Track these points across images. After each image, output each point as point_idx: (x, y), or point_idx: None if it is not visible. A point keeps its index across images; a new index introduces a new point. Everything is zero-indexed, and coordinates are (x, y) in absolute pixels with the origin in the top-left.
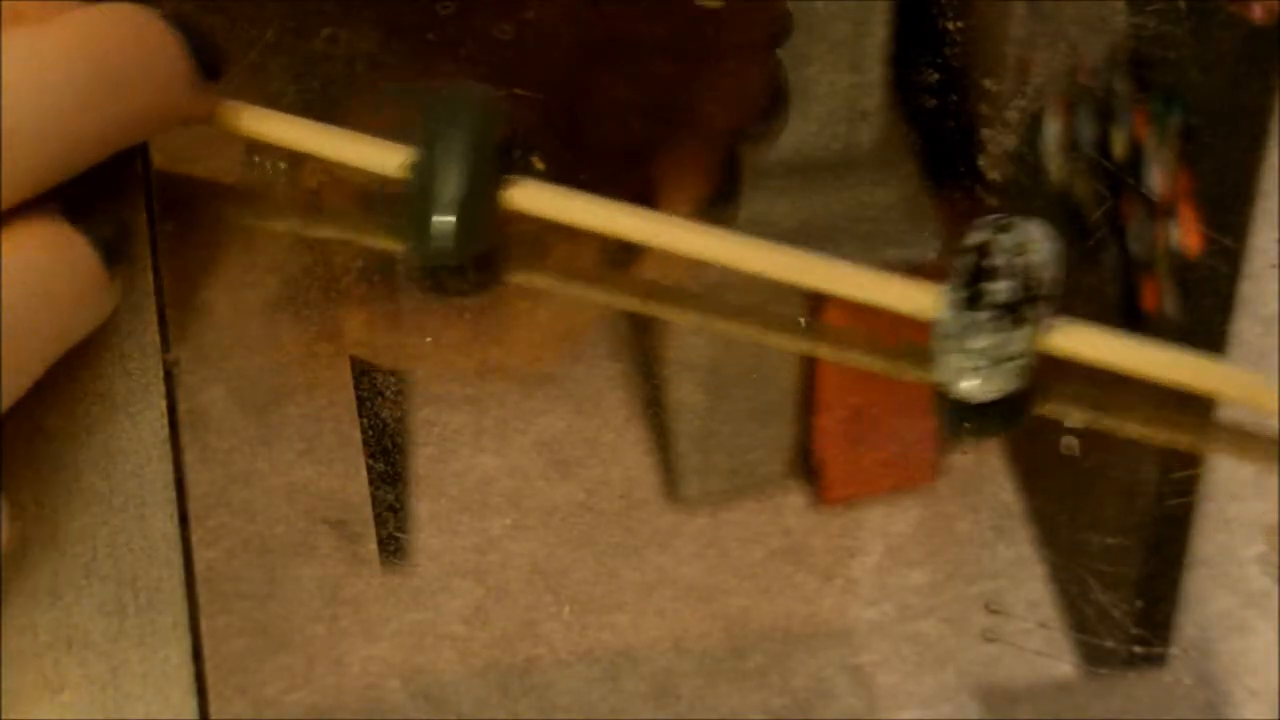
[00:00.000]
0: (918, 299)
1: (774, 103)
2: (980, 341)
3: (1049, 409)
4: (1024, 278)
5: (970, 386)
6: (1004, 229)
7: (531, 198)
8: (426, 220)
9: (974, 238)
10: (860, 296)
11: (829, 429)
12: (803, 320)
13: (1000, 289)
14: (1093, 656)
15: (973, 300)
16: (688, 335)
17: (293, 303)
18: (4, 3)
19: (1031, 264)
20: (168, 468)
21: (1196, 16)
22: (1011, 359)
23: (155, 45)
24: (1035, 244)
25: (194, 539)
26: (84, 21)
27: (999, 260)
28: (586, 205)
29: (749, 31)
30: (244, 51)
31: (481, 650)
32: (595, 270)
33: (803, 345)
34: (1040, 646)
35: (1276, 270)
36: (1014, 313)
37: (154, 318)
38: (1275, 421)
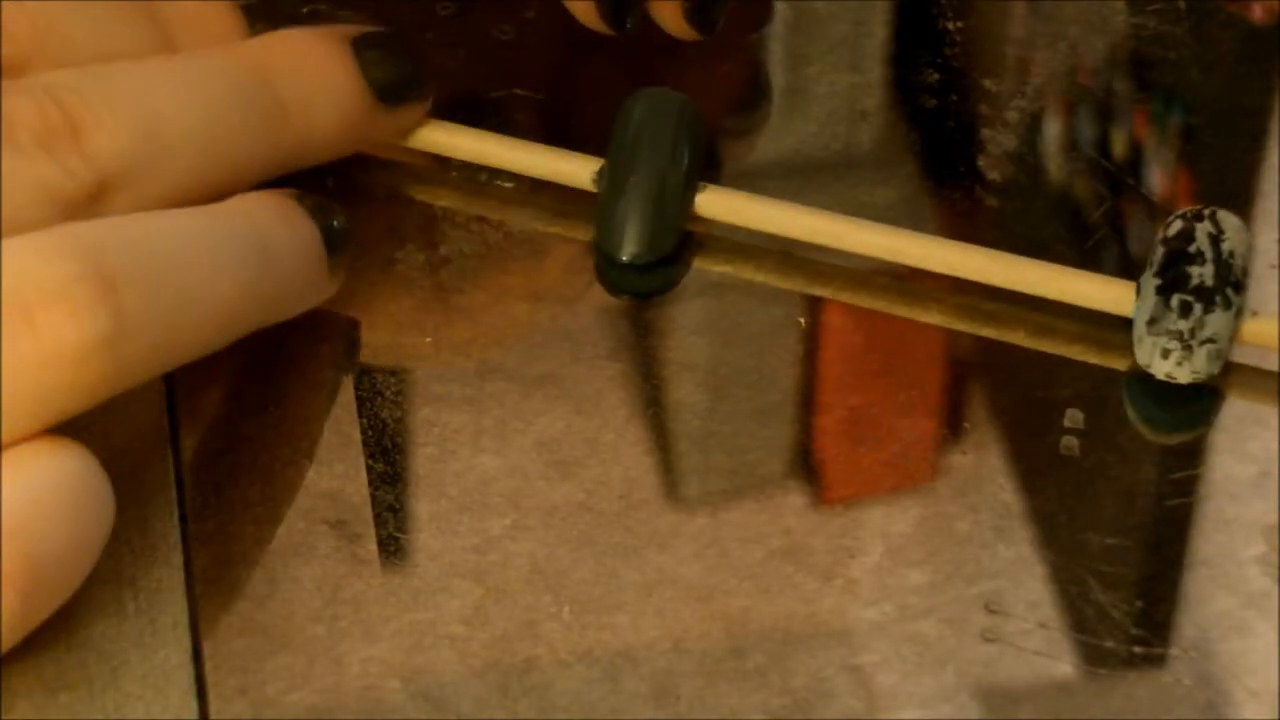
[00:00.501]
0: (1114, 293)
1: (754, 95)
2: (1180, 324)
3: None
4: (1222, 264)
5: (1170, 367)
6: (1201, 218)
7: (718, 203)
8: (617, 221)
9: (1174, 226)
10: (1055, 295)
11: (829, 429)
12: (802, 320)
13: (1199, 273)
14: (1092, 657)
15: (1172, 285)
16: (688, 335)
17: None
18: None
19: (1228, 251)
20: (167, 468)
21: (1196, 17)
22: (1211, 341)
23: (297, 230)
24: (1232, 233)
25: (194, 539)
26: (247, 204)
27: (1198, 247)
28: (772, 210)
29: (726, 21)
30: None
31: (481, 650)
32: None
33: (803, 345)
34: (1040, 647)
35: (1276, 270)
36: (1212, 298)
37: None
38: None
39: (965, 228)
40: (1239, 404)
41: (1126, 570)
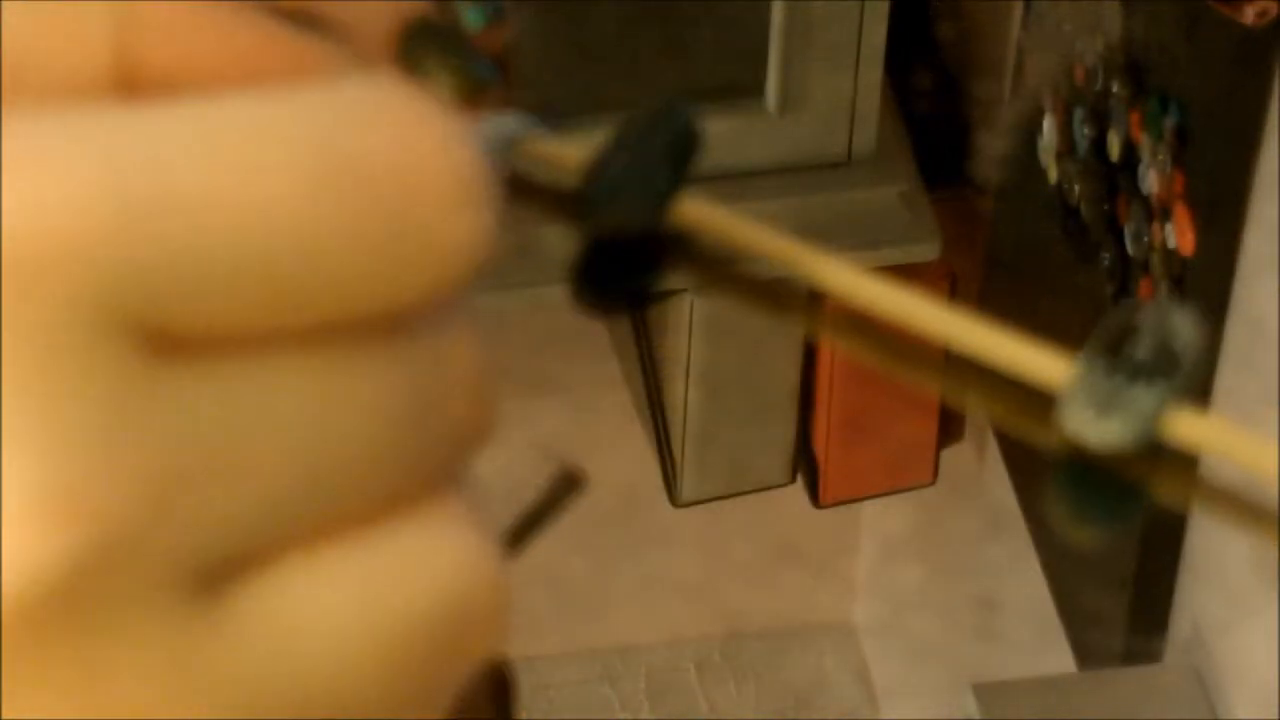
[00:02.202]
0: (1050, 366)
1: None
2: (1105, 383)
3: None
4: (1164, 349)
5: (1085, 426)
6: (1150, 308)
7: (699, 213)
8: (598, 174)
9: (1122, 310)
10: (989, 356)
11: (827, 429)
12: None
13: (1140, 348)
14: (1087, 654)
15: (1110, 354)
16: (688, 335)
17: None
18: None
19: (1175, 343)
20: None
21: (1190, 20)
22: (1133, 406)
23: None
24: (1182, 326)
25: None
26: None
27: (1143, 326)
28: (751, 231)
29: None
30: None
31: None
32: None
33: (803, 345)
34: (1035, 644)
35: (1272, 272)
36: (1147, 373)
37: None
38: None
39: (962, 228)
40: (1232, 405)
41: (1121, 569)
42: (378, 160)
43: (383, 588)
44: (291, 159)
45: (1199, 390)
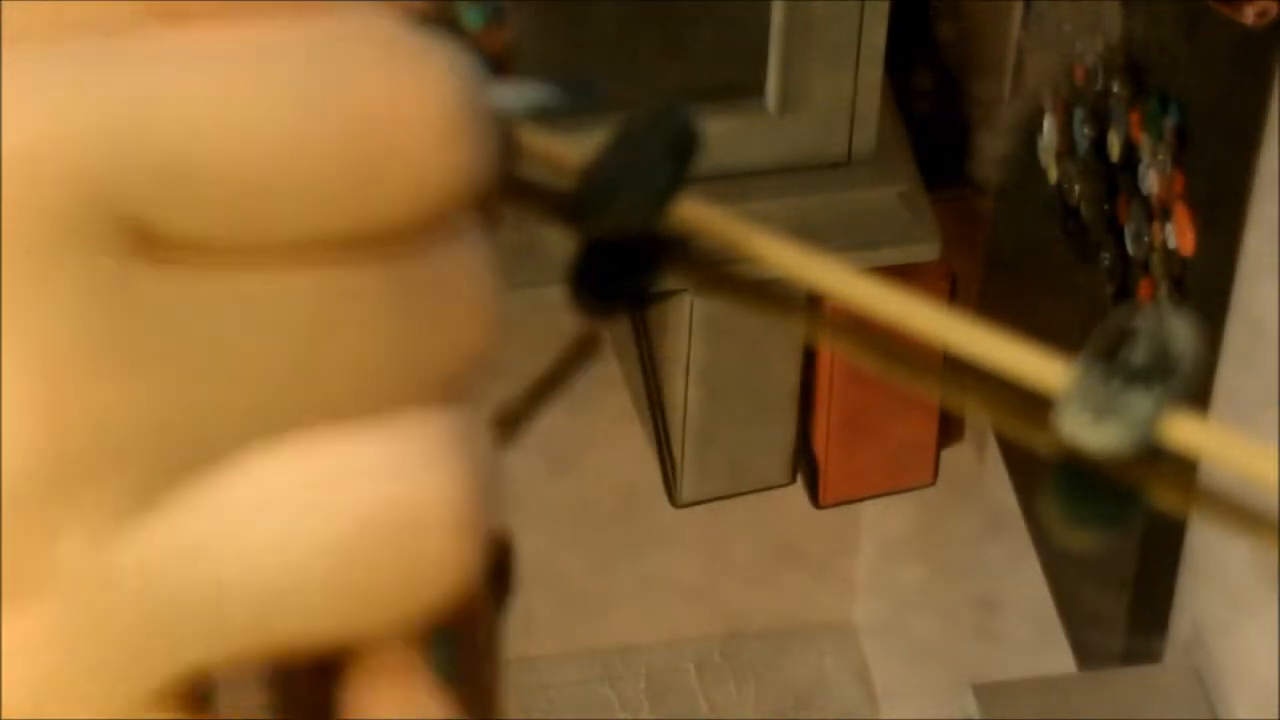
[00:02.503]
0: (1048, 369)
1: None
2: (1101, 388)
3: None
4: (1161, 354)
5: (1081, 430)
6: (1149, 312)
7: (698, 214)
8: (596, 175)
9: (1120, 314)
10: (987, 359)
11: (827, 429)
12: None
13: (1138, 352)
14: (1087, 654)
15: (1103, 359)
16: (688, 335)
17: None
18: None
19: (1172, 348)
20: None
21: (1191, 20)
22: (1129, 412)
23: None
24: (1180, 331)
25: None
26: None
27: (1141, 330)
28: (750, 233)
29: None
30: None
31: None
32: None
33: (803, 345)
34: (1035, 644)
35: (1271, 270)
36: (1144, 378)
37: None
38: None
39: (962, 228)
40: (1232, 405)
41: (1121, 569)
42: (364, 87)
43: (331, 483)
44: (279, 81)
45: (1199, 391)
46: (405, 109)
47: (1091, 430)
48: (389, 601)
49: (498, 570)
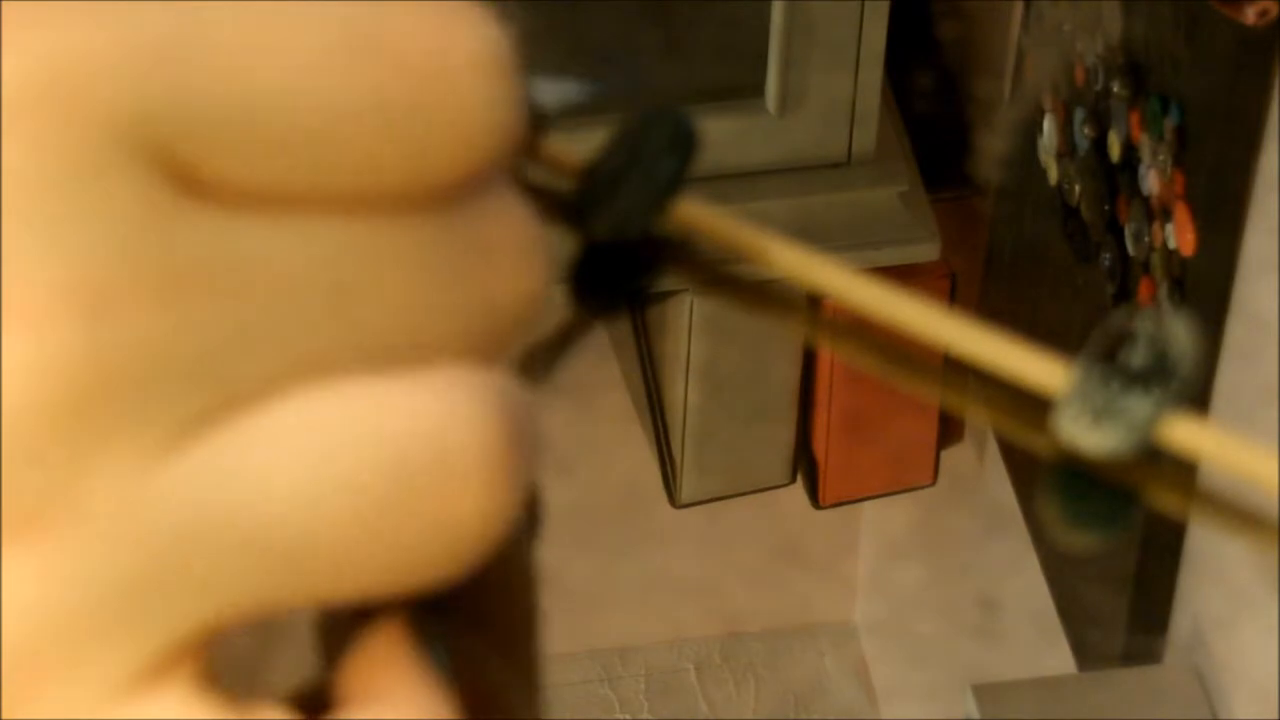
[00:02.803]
0: (1046, 371)
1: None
2: (1100, 391)
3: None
4: (1160, 357)
5: (1080, 434)
6: (1148, 315)
7: (697, 215)
8: (595, 177)
9: (1119, 316)
10: (986, 361)
11: (827, 429)
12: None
13: (1136, 355)
14: (1087, 654)
15: (1106, 362)
16: (688, 335)
17: None
18: None
19: (1171, 350)
20: None
21: (1191, 20)
22: (1127, 415)
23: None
24: (1179, 334)
25: None
26: None
27: (1140, 333)
28: (746, 233)
29: None
30: None
31: None
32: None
33: (803, 345)
34: (1035, 644)
35: (1271, 270)
36: (1142, 381)
37: None
38: None
39: (962, 228)
40: (1232, 405)
41: (1121, 568)
42: (416, 36)
43: (366, 424)
44: (332, 25)
45: (1199, 391)
46: (456, 60)
47: (1090, 434)
48: (419, 547)
49: (527, 510)
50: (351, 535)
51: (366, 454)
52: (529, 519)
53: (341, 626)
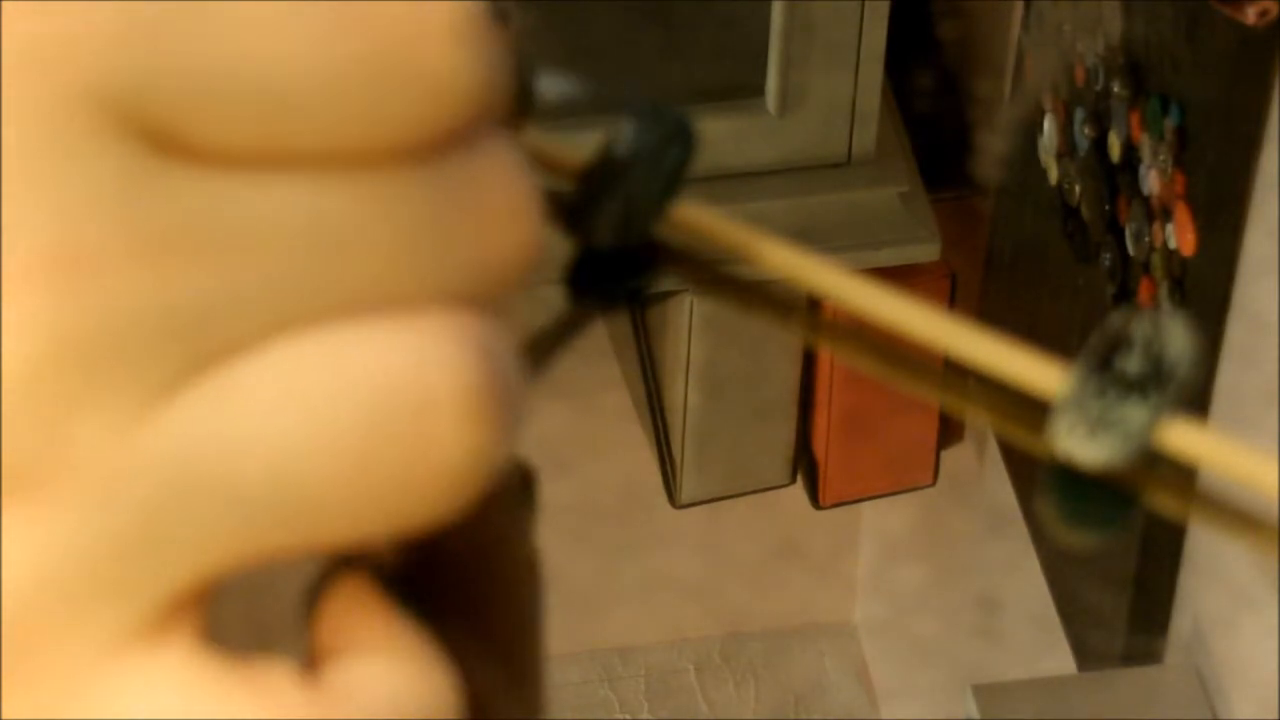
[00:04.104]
0: (1045, 374)
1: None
2: (1096, 401)
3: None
4: (1156, 362)
5: (1076, 445)
6: (1144, 318)
7: (696, 216)
8: (593, 179)
9: (1115, 320)
10: (985, 363)
11: (827, 429)
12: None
13: (1132, 361)
14: (1087, 654)
15: (1097, 371)
16: (688, 335)
17: None
18: None
19: (1168, 354)
20: None
21: (1191, 20)
22: (1123, 425)
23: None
24: (1175, 338)
25: None
26: None
27: (1136, 337)
28: (746, 234)
29: None
30: None
31: None
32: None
33: (802, 345)
34: (1035, 644)
35: (1272, 270)
36: (1139, 388)
37: None
38: None
39: (962, 228)
40: (1232, 406)
41: (1122, 568)
42: (380, 1)
43: (345, 367)
44: None
45: (1199, 391)
46: (427, 24)
47: (1086, 445)
48: (404, 488)
49: (520, 483)
50: (336, 479)
51: (345, 398)
52: (522, 494)
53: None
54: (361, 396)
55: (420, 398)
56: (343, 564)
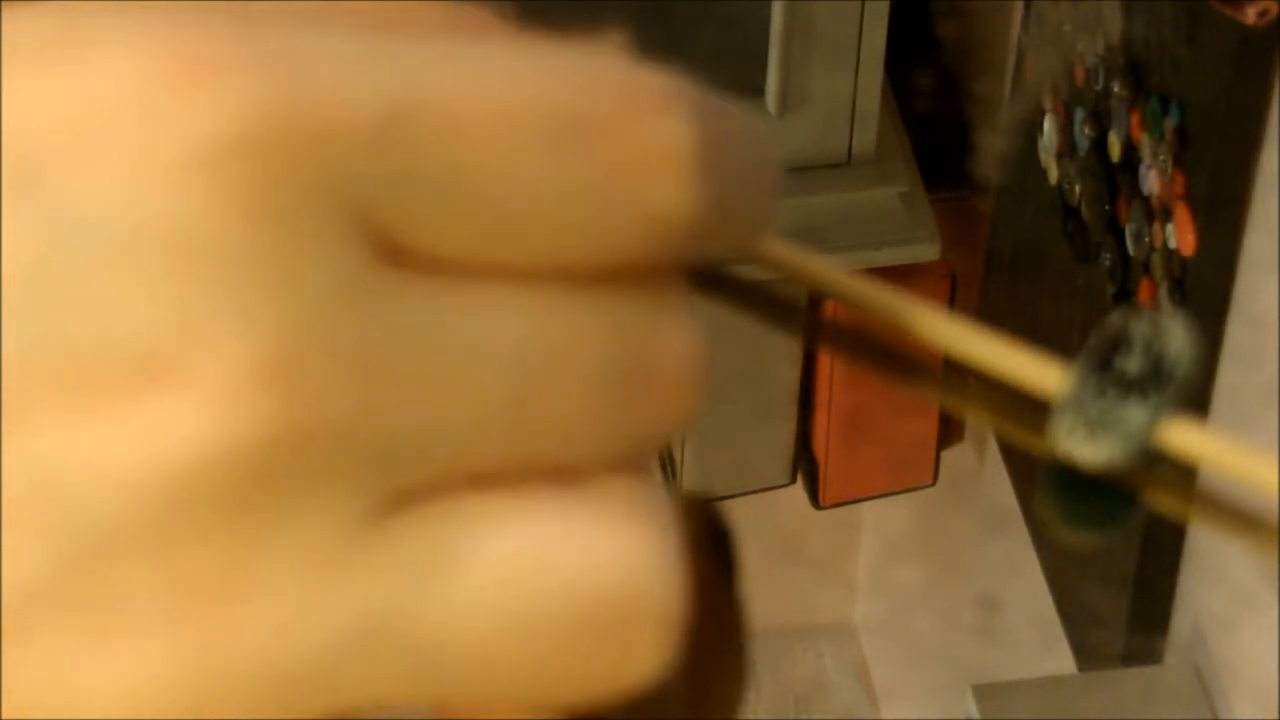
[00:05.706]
0: (1044, 374)
1: None
2: (1096, 402)
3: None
4: (1156, 362)
5: (1076, 446)
6: (1144, 318)
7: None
8: None
9: (1115, 320)
10: (984, 363)
11: (827, 429)
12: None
13: (1132, 361)
14: (1087, 654)
15: (1097, 371)
16: None
17: None
18: None
19: (1167, 354)
20: None
21: (1191, 20)
22: (1123, 425)
23: None
24: (1175, 337)
25: None
26: None
27: (1136, 337)
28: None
29: None
30: None
31: None
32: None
33: (802, 346)
34: (1035, 644)
35: (1272, 270)
36: (1138, 388)
37: None
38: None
39: (962, 228)
40: (1233, 406)
41: (1121, 568)
42: (605, 121)
43: (549, 553)
44: (536, 108)
45: (1200, 392)
46: (641, 144)
47: (1086, 446)
48: (584, 681)
49: (718, 546)
50: (527, 667)
51: (555, 599)
52: (721, 558)
53: None
54: (573, 602)
55: (628, 613)
56: None
